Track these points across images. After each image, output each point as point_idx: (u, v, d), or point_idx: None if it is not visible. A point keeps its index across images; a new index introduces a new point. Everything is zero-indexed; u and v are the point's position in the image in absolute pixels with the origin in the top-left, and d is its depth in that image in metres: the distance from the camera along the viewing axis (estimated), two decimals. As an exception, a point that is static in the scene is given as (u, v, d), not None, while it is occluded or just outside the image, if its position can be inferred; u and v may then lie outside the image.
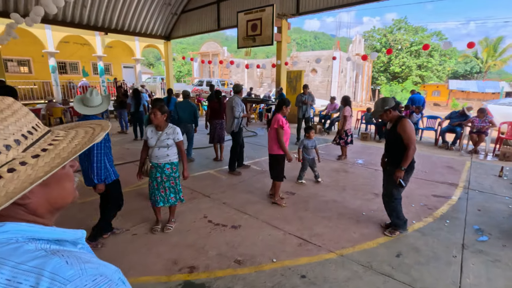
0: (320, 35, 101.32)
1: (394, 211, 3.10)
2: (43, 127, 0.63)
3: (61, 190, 0.63)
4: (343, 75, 25.12)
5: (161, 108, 2.82)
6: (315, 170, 4.75)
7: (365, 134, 8.36)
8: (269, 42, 8.89)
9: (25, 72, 15.42)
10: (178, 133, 2.94)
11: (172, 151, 2.97)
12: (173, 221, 3.27)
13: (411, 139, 2.83)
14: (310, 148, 4.64)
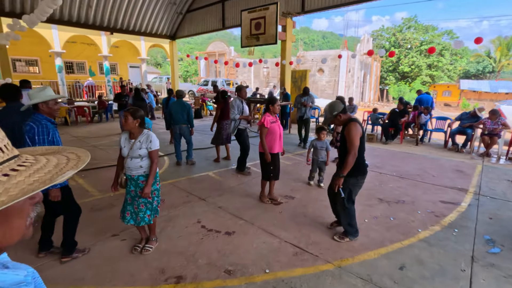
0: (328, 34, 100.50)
1: (345, 218, 2.96)
2: (11, 149, 0.53)
3: (6, 229, 0.53)
4: (350, 75, 24.75)
5: (133, 112, 2.45)
6: (322, 174, 4.58)
7: (371, 136, 8.11)
8: (273, 41, 8.71)
9: (33, 72, 15.63)
10: (152, 141, 2.52)
11: (146, 162, 2.56)
12: (154, 240, 2.85)
13: (353, 144, 2.65)
14: (320, 149, 4.48)
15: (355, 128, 2.67)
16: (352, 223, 2.96)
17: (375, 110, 9.10)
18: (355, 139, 2.64)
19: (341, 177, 2.75)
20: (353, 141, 2.64)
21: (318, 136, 4.46)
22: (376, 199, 4.09)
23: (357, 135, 2.66)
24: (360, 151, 2.75)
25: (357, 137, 2.65)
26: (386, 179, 4.95)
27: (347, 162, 2.68)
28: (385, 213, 3.64)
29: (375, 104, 27.16)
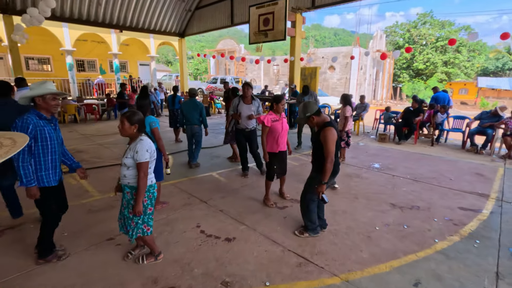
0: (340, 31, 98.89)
1: (306, 213, 2.98)
2: None
3: None
4: (362, 72, 24.16)
5: (130, 117, 2.21)
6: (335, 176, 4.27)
7: (383, 135, 7.77)
8: (282, 37, 8.46)
9: (46, 70, 15.87)
10: (138, 151, 2.18)
11: (131, 172, 2.26)
12: (152, 255, 2.58)
13: (329, 151, 2.60)
14: None
15: (331, 134, 2.59)
16: (312, 219, 2.95)
17: (388, 109, 8.73)
18: (331, 146, 2.59)
19: (323, 184, 2.69)
20: (330, 148, 2.59)
21: None
22: (388, 204, 3.82)
23: (333, 141, 2.61)
24: (335, 154, 2.71)
25: (333, 143, 2.60)
26: (399, 182, 4.66)
27: (326, 168, 2.63)
28: (397, 220, 3.38)
29: (387, 102, 26.48)
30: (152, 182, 2.39)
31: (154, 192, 2.43)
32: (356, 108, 9.08)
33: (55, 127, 2.46)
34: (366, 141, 7.82)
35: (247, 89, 4.64)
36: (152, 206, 2.42)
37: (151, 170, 2.36)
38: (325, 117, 2.73)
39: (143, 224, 2.38)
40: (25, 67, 14.85)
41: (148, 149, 2.24)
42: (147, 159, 2.22)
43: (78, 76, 15.93)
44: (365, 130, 9.16)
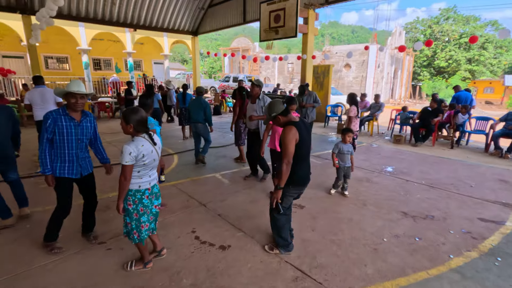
0: (358, 29, 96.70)
1: (275, 228, 2.65)
2: None
3: None
4: (379, 70, 23.38)
5: (125, 115, 2.10)
6: (347, 182, 4.03)
7: (399, 137, 7.37)
8: (293, 34, 8.20)
9: (64, 68, 16.32)
10: (122, 152, 2.05)
11: None
12: (141, 262, 2.45)
13: (285, 151, 2.33)
14: (346, 153, 3.94)
15: (289, 133, 2.33)
16: (283, 235, 2.63)
17: (404, 109, 8.30)
18: (288, 145, 2.32)
19: (278, 190, 2.42)
20: (286, 147, 2.32)
21: (343, 138, 3.93)
22: (399, 212, 3.54)
23: (291, 140, 2.32)
24: (299, 159, 2.42)
25: (291, 143, 2.32)
26: (413, 188, 4.35)
27: (282, 171, 2.35)
28: (409, 231, 3.10)
29: (406, 101, 25.54)
30: (141, 187, 2.21)
31: (143, 199, 2.24)
32: (371, 107, 8.70)
33: (79, 124, 2.55)
34: (380, 143, 7.45)
35: (252, 87, 4.46)
36: (139, 212, 2.24)
37: (140, 174, 2.19)
38: (292, 117, 2.49)
39: (132, 230, 2.28)
40: (45, 66, 15.34)
41: (133, 152, 2.05)
42: (128, 162, 2.05)
43: (94, 74, 16.30)
44: (379, 131, 8.76)
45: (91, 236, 2.87)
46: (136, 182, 2.19)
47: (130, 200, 2.21)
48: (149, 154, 2.16)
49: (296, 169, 2.43)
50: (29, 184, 4.30)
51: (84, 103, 2.55)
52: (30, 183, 4.33)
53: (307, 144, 2.50)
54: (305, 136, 2.43)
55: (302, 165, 2.48)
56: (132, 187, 2.18)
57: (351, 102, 5.30)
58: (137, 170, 2.15)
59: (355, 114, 5.23)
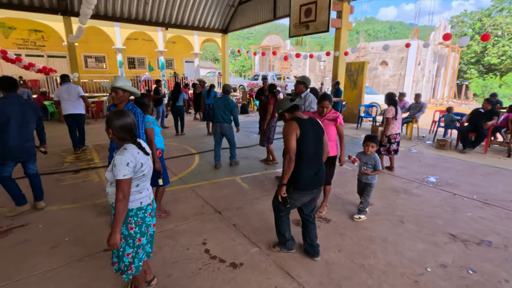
0: (397, 24, 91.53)
1: (275, 222, 2.62)
2: None
3: None
4: (420, 68, 21.70)
5: (107, 119, 1.76)
6: (366, 199, 3.28)
7: (443, 142, 6.55)
8: (324, 28, 7.66)
9: (101, 67, 17.14)
10: (117, 164, 1.67)
11: (112, 190, 1.79)
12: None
13: (287, 147, 2.26)
14: (365, 166, 3.24)
15: (288, 127, 2.26)
16: (281, 230, 2.58)
17: (449, 110, 7.39)
18: (288, 141, 2.24)
19: (281, 186, 2.32)
20: (287, 143, 2.25)
21: (364, 148, 3.28)
22: (446, 234, 2.97)
23: (289, 135, 2.23)
24: (302, 159, 2.28)
25: (290, 138, 2.23)
26: (462, 204, 3.70)
27: (283, 168, 2.29)
28: (459, 260, 2.55)
29: (449, 102, 23.46)
30: (143, 204, 1.85)
31: (146, 217, 1.87)
32: (410, 108, 7.90)
33: None
34: (420, 148, 6.69)
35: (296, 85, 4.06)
36: (143, 235, 1.86)
37: (140, 187, 1.83)
38: (298, 114, 2.40)
39: (129, 264, 1.86)
40: (84, 65, 16.20)
41: (131, 162, 1.70)
42: (127, 175, 1.67)
43: (128, 73, 16.92)
44: (420, 134, 7.92)
45: None
46: (137, 198, 1.81)
47: (131, 222, 1.80)
48: (147, 162, 1.84)
49: (298, 170, 2.29)
50: (51, 180, 4.33)
51: (118, 97, 2.58)
52: (52, 180, 4.36)
53: (312, 144, 2.31)
54: (309, 134, 2.29)
55: (305, 167, 2.30)
56: (132, 205, 1.79)
57: (389, 102, 4.73)
58: (135, 183, 1.79)
59: (393, 116, 4.65)
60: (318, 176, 2.37)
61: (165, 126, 8.84)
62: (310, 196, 2.41)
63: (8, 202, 3.39)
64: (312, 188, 2.36)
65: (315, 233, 2.57)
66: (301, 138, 2.24)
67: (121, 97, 2.61)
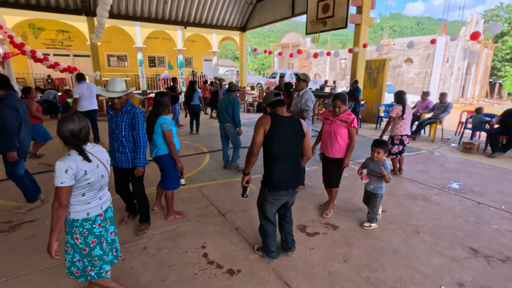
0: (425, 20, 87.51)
1: (260, 233, 2.52)
2: None
3: None
4: (448, 65, 20.55)
5: (58, 122, 1.65)
6: (372, 210, 3.03)
7: (470, 144, 6.09)
8: (342, 25, 7.36)
9: (123, 66, 17.66)
10: (56, 170, 1.57)
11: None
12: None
13: (252, 140, 2.23)
14: (373, 174, 2.98)
15: (258, 120, 2.22)
16: (266, 242, 2.46)
17: (478, 110, 6.86)
18: (254, 134, 2.21)
19: (244, 175, 2.36)
20: (253, 136, 2.22)
21: (371, 153, 3.00)
22: (467, 248, 2.71)
23: (257, 128, 2.19)
24: (272, 158, 2.23)
25: (257, 131, 2.19)
26: (488, 214, 3.38)
27: (246, 158, 2.30)
28: (479, 279, 2.30)
29: (480, 101, 22.07)
30: (90, 215, 1.73)
31: (94, 228, 1.76)
32: (434, 108, 7.43)
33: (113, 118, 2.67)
34: (444, 150, 6.27)
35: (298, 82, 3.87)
36: (89, 245, 1.76)
37: (87, 197, 1.72)
38: (279, 110, 2.29)
39: (86, 268, 1.81)
40: (107, 64, 16.76)
41: (71, 169, 1.57)
42: (65, 183, 1.56)
43: (148, 71, 17.31)
44: (444, 136, 7.43)
45: (141, 226, 2.95)
46: (83, 209, 1.71)
47: (77, 233, 1.73)
48: (94, 170, 1.69)
49: (269, 170, 2.24)
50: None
51: (121, 102, 2.60)
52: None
53: (284, 144, 2.21)
54: (281, 133, 2.18)
55: (277, 166, 2.22)
56: (77, 216, 1.70)
57: (397, 100, 4.45)
58: (81, 192, 1.68)
59: (398, 115, 4.36)
60: (291, 178, 2.29)
61: (179, 124, 8.91)
62: (286, 198, 2.33)
63: (20, 197, 3.50)
64: (286, 188, 2.27)
65: (290, 230, 2.56)
66: (270, 135, 2.16)
67: (123, 101, 2.63)
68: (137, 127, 2.64)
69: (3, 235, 2.89)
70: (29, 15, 12.51)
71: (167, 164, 3.01)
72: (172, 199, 3.20)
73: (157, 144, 2.97)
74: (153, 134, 2.96)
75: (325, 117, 3.28)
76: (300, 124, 2.26)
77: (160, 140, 2.94)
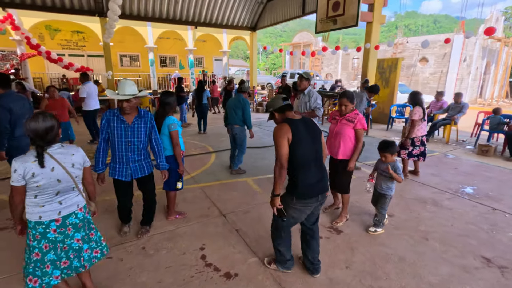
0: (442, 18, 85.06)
1: (273, 238, 2.30)
2: None
3: None
4: (465, 65, 19.85)
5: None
6: (381, 212, 2.91)
7: (486, 147, 5.81)
8: (353, 23, 7.19)
9: (135, 66, 17.94)
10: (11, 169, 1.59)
11: None
12: None
13: (277, 152, 1.99)
14: (383, 174, 2.89)
15: (277, 131, 2.00)
16: (280, 247, 2.26)
17: (497, 111, 6.55)
18: (279, 147, 1.97)
19: (274, 197, 2.07)
20: (277, 148, 1.98)
21: (381, 154, 2.90)
22: (479, 257, 2.55)
23: (280, 139, 1.96)
24: (299, 164, 2.01)
25: (281, 143, 1.96)
26: (503, 221, 3.19)
27: (274, 176, 2.05)
28: (492, 291, 2.15)
29: (499, 102, 21.23)
30: (42, 219, 1.65)
31: (48, 233, 1.68)
32: (449, 108, 7.15)
33: (130, 126, 2.47)
34: (458, 153, 6.01)
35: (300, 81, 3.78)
36: (42, 250, 1.68)
37: (39, 200, 1.64)
38: (290, 115, 2.12)
39: (27, 276, 1.69)
40: (120, 64, 17.06)
41: (18, 169, 1.56)
42: (13, 182, 1.57)
43: (160, 71, 17.51)
44: (459, 138, 7.14)
45: (141, 229, 2.88)
46: (35, 211, 1.64)
47: (30, 234, 1.66)
48: (45, 174, 1.60)
49: (297, 177, 2.02)
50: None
51: (130, 106, 2.42)
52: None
53: (309, 148, 2.05)
54: (303, 137, 2.02)
55: (304, 173, 2.03)
56: (30, 217, 1.65)
57: (414, 102, 4.29)
58: (32, 194, 1.63)
59: (420, 117, 4.19)
60: (323, 182, 2.12)
61: (187, 124, 8.94)
62: (316, 204, 2.12)
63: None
64: (317, 194, 2.07)
65: (317, 249, 2.29)
66: (294, 143, 1.97)
67: (133, 105, 2.45)
68: (156, 129, 2.61)
69: (7, 232, 2.94)
70: (45, 17, 12.87)
71: (170, 165, 2.94)
72: (174, 199, 3.17)
73: (163, 145, 2.91)
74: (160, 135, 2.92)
75: (333, 116, 3.20)
76: (314, 123, 2.18)
77: (166, 141, 2.90)
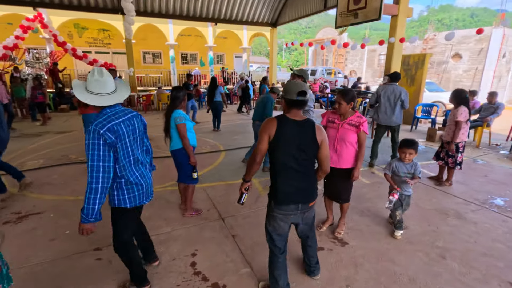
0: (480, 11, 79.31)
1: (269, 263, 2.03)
2: None
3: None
4: (505, 61, 18.30)
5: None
6: (398, 215, 2.75)
7: (524, 153, 5.22)
8: (375, 16, 6.73)
9: (157, 63, 18.30)
10: None
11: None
12: None
13: (256, 146, 1.87)
14: (402, 176, 2.72)
15: (264, 124, 1.86)
16: (274, 274, 1.97)
17: (538, 113, 5.88)
18: (259, 141, 1.86)
19: (244, 182, 2.05)
20: (258, 141, 1.88)
21: (400, 155, 2.71)
22: (506, 283, 2.19)
23: (261, 133, 1.84)
24: (278, 167, 1.87)
25: (261, 137, 1.84)
26: (539, 241, 2.77)
27: (248, 163, 1.99)
28: (518, 327, 1.83)
29: (544, 102, 19.33)
30: None
31: None
32: (481, 109, 6.54)
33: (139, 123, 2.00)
34: (490, 158, 5.45)
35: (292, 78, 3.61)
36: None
37: None
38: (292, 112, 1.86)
39: None
40: (142, 61, 17.48)
41: None
42: None
43: (180, 68, 17.74)
44: (492, 142, 6.50)
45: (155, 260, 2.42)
46: None
47: None
48: None
49: (275, 181, 1.90)
50: (81, 169, 4.54)
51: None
52: (81, 169, 4.57)
53: (291, 154, 1.82)
54: (287, 140, 1.80)
55: (282, 177, 1.86)
56: None
57: (458, 101, 3.82)
58: None
59: (466, 118, 3.77)
60: (301, 191, 1.88)
61: (197, 122, 8.93)
62: (296, 214, 1.91)
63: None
64: (296, 202, 1.87)
65: (313, 253, 2.23)
66: (274, 142, 1.79)
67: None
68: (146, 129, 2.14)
69: (9, 226, 2.98)
70: (73, 15, 13.41)
71: (181, 158, 2.98)
72: (192, 194, 3.16)
73: (172, 138, 2.98)
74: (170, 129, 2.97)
75: (329, 119, 2.77)
76: (314, 130, 1.84)
77: (175, 134, 2.94)
